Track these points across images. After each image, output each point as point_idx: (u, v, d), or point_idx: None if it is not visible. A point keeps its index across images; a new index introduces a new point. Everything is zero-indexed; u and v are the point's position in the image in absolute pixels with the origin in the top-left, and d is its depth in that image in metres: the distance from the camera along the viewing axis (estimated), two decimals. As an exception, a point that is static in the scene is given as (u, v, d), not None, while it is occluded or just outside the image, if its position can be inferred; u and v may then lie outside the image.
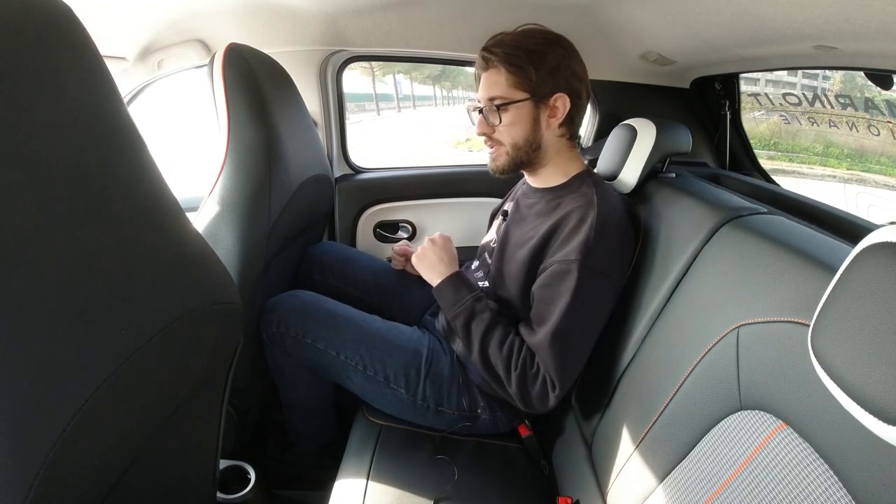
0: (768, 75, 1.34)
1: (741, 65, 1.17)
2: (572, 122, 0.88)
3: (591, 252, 0.78)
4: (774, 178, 1.35)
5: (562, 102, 0.85)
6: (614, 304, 0.85)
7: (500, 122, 0.86)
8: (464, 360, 0.95)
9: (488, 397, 0.93)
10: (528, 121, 0.86)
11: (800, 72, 1.29)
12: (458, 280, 0.91)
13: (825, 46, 0.82)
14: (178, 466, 0.59)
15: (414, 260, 0.97)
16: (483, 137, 0.90)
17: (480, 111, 0.89)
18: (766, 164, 1.40)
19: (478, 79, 0.89)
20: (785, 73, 1.32)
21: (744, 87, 1.35)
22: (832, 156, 1.77)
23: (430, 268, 0.93)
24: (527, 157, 0.89)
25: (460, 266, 1.13)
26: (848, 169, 1.75)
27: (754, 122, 1.44)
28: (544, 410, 0.82)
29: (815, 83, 1.31)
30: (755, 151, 1.41)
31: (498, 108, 0.85)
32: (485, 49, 0.86)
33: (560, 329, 0.78)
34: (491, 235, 1.06)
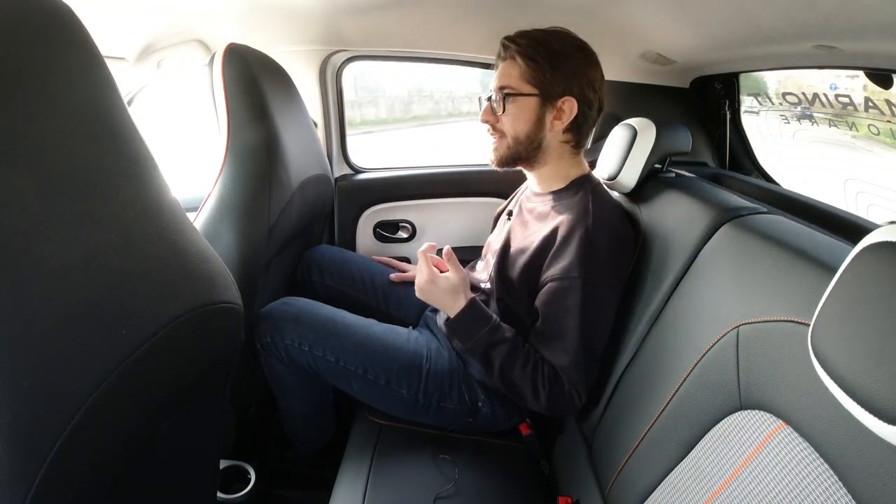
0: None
1: (741, 64, 1.17)
2: (579, 130, 0.89)
3: (588, 267, 0.80)
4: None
5: (569, 106, 0.86)
6: (618, 303, 0.85)
7: (504, 111, 0.87)
8: (463, 355, 0.96)
9: (488, 390, 0.94)
10: (531, 117, 0.86)
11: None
12: (471, 312, 0.87)
13: (825, 46, 0.82)
14: (178, 466, 0.60)
15: (419, 294, 0.89)
16: (486, 127, 0.91)
17: (489, 99, 0.89)
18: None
19: (496, 69, 0.90)
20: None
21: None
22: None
23: (440, 302, 0.89)
24: (525, 154, 0.90)
25: (464, 267, 1.13)
26: None
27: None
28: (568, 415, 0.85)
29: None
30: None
31: (504, 97, 0.86)
32: (507, 39, 0.86)
33: (580, 346, 0.81)
34: (496, 236, 1.06)
